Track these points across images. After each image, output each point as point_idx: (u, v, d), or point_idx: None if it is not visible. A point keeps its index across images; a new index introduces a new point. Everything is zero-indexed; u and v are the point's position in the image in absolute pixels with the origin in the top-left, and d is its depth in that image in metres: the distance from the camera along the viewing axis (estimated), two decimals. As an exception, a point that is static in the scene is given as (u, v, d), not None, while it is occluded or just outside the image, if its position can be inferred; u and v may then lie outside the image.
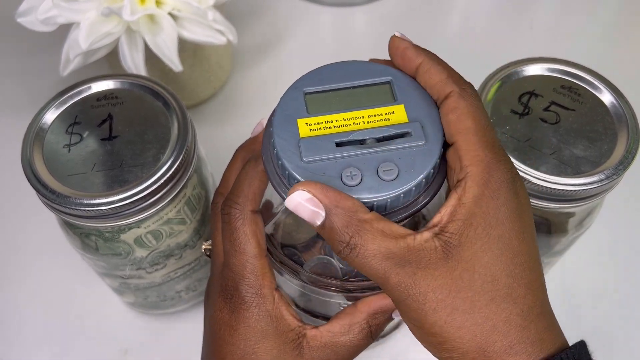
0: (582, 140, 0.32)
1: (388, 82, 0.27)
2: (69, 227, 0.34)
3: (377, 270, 0.24)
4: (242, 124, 0.53)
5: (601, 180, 0.30)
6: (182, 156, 0.32)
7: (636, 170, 0.34)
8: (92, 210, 0.30)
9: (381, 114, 0.26)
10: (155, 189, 0.31)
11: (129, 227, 0.32)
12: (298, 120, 0.26)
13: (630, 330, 0.44)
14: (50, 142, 0.32)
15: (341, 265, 0.32)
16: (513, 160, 0.31)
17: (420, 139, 0.25)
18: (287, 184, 0.26)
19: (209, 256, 0.33)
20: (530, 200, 0.32)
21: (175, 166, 0.31)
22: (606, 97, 0.34)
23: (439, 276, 0.23)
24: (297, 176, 0.25)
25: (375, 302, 0.29)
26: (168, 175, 0.31)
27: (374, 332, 0.30)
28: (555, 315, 0.26)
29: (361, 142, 0.26)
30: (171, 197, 0.32)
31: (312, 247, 0.32)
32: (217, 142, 0.50)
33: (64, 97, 0.34)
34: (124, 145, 0.32)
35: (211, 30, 0.43)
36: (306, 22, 0.62)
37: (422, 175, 0.25)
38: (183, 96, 0.51)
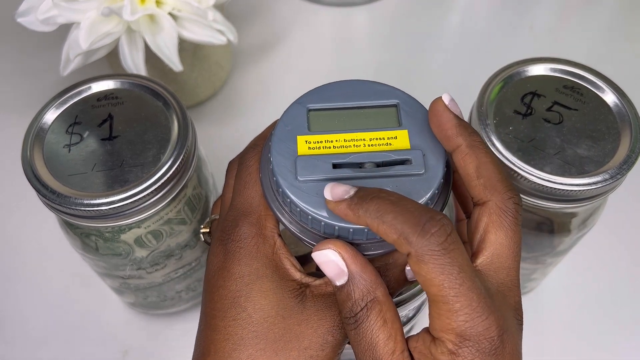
0: (586, 140, 0.32)
1: (394, 106, 0.27)
2: (69, 227, 0.34)
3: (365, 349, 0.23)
4: (242, 124, 0.54)
5: (605, 180, 0.30)
6: (182, 156, 0.31)
7: (639, 170, 0.34)
8: (92, 210, 0.30)
9: (383, 138, 0.26)
10: (156, 189, 0.31)
11: (129, 227, 0.32)
12: (298, 137, 0.26)
13: (633, 330, 0.44)
14: (51, 142, 0.32)
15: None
16: (517, 161, 0.31)
17: (420, 168, 0.25)
18: (282, 201, 0.25)
19: (207, 242, 0.31)
20: (534, 200, 0.32)
21: (175, 166, 0.31)
22: (609, 97, 0.33)
23: None
24: (290, 195, 0.24)
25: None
26: (168, 175, 0.31)
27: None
28: (558, 315, 0.26)
29: (359, 166, 0.25)
30: (171, 197, 0.32)
31: (311, 260, 0.31)
32: (217, 142, 0.50)
33: (64, 97, 0.34)
34: (124, 145, 0.32)
35: (211, 30, 0.43)
36: (306, 22, 0.61)
37: None
38: (183, 96, 0.51)
